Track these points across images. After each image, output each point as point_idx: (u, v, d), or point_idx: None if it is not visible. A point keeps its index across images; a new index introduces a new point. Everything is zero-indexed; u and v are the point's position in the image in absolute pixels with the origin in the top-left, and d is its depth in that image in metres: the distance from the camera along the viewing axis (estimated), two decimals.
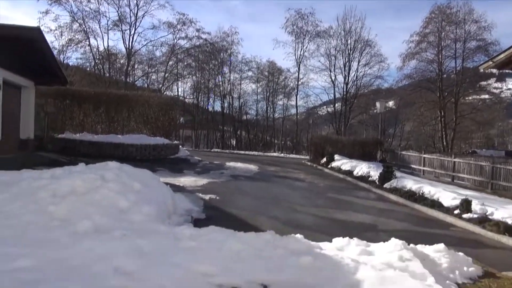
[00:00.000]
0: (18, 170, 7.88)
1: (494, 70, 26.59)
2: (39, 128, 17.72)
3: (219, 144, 48.54)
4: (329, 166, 20.51)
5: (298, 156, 34.72)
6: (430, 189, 11.39)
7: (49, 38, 32.61)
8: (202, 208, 8.72)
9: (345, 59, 42.09)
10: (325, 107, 52.26)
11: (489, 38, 36.29)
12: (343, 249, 5.87)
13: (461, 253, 5.78)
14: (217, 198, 10.05)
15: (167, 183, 9.17)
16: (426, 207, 10.43)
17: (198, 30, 42.01)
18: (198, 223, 7.19)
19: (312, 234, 6.94)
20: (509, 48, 18.87)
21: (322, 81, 45.48)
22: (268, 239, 5.81)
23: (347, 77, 42.15)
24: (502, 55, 19.29)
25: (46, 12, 35.76)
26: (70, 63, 40.84)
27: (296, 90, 47.28)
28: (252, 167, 18.82)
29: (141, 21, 39.77)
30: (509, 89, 63.22)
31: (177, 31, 41.53)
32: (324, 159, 21.94)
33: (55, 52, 31.97)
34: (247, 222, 7.86)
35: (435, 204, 10.33)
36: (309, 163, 24.26)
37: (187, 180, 12.78)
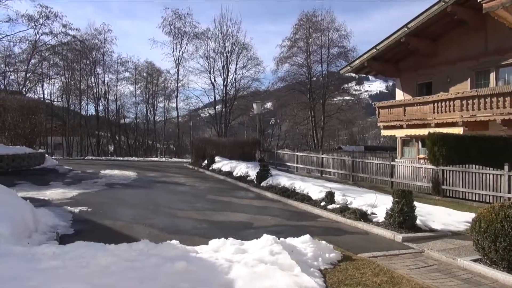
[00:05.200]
0: None
1: (353, 74, 30.33)
2: None
3: (95, 151, 45.15)
4: (210, 168, 20.74)
5: (180, 160, 34.33)
6: (300, 185, 12.34)
7: None
8: (70, 222, 8.03)
9: (223, 61, 43.07)
10: (206, 109, 52.56)
11: (348, 45, 41.39)
12: (218, 250, 5.98)
13: (323, 242, 6.39)
14: (89, 210, 9.35)
15: (27, 198, 8.21)
16: (297, 201, 11.27)
17: (65, 26, 38.59)
18: (64, 239, 6.59)
19: (190, 238, 6.95)
20: (362, 55, 21.65)
21: (202, 83, 46.21)
22: (142, 249, 5.63)
23: (226, 79, 43.21)
24: (357, 61, 22.07)
25: None
26: None
27: (176, 92, 46.65)
28: (130, 173, 17.99)
29: None
30: (366, 91, 72.12)
31: (39, 26, 37.48)
32: (206, 162, 22.10)
33: None
34: (121, 232, 7.47)
35: (305, 198, 11.24)
36: (190, 166, 24.17)
37: (54, 193, 11.61)
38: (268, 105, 52.59)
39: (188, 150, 47.32)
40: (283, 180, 13.66)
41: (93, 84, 45.99)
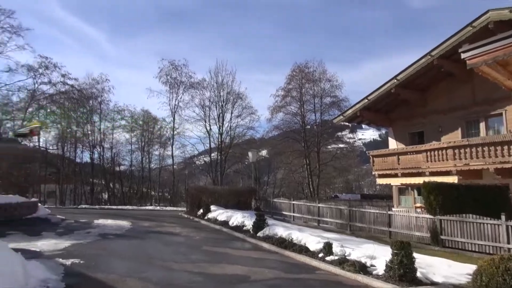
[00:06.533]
0: None
1: (347, 123, 30.90)
2: None
3: (89, 199, 44.50)
4: (206, 217, 20.45)
5: (175, 208, 33.87)
6: (297, 235, 12.17)
7: None
8: (62, 276, 7.78)
9: (218, 110, 43.67)
10: (202, 157, 52.59)
11: (340, 95, 42.55)
12: None
13: None
14: (81, 262, 9.10)
15: (18, 249, 8.04)
16: (295, 252, 11.06)
17: (63, 76, 39.25)
18: None
19: None
20: (354, 105, 22.21)
21: (198, 131, 45.74)
22: None
23: (221, 128, 43.62)
24: (350, 111, 22.58)
25: None
26: None
27: (172, 140, 46.86)
28: (124, 223, 17.69)
29: None
30: (360, 139, 73.07)
31: (38, 76, 38.13)
32: (201, 211, 21.82)
33: None
34: (114, 287, 7.24)
35: (303, 249, 11.04)
36: (186, 216, 23.82)
37: (45, 244, 11.36)
38: (263, 153, 52.77)
39: (183, 198, 46.72)
40: (280, 230, 13.48)
41: (89, 132, 46.24)
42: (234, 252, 11.73)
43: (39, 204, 20.16)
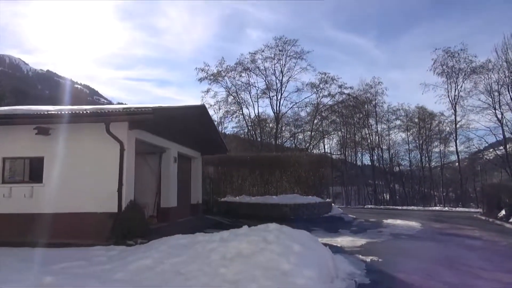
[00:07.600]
0: (192, 233, 8.80)
1: None
2: (204, 193, 19.85)
3: (372, 200, 46.34)
4: (511, 219, 17.30)
5: (466, 210, 30.48)
6: None
7: (210, 112, 36.48)
8: (364, 271, 8.15)
9: None
10: (492, 150, 45.49)
11: None
12: None
13: None
14: (379, 260, 9.30)
15: (324, 244, 8.97)
16: None
17: (340, 86, 42.54)
18: None
19: None
20: None
21: (486, 121, 39.47)
22: None
23: None
24: None
25: (207, 91, 41.83)
26: (227, 132, 45.76)
27: (454, 135, 42.68)
28: (414, 224, 17.19)
29: (286, 86, 42.53)
30: None
31: (320, 90, 42.90)
32: (503, 212, 18.65)
33: (215, 124, 36.37)
34: None
35: None
36: (483, 217, 20.92)
37: (344, 240, 12.33)
38: None
39: (473, 198, 41.73)
40: None
41: (367, 135, 48.41)
42: None
43: (333, 204, 22.38)
